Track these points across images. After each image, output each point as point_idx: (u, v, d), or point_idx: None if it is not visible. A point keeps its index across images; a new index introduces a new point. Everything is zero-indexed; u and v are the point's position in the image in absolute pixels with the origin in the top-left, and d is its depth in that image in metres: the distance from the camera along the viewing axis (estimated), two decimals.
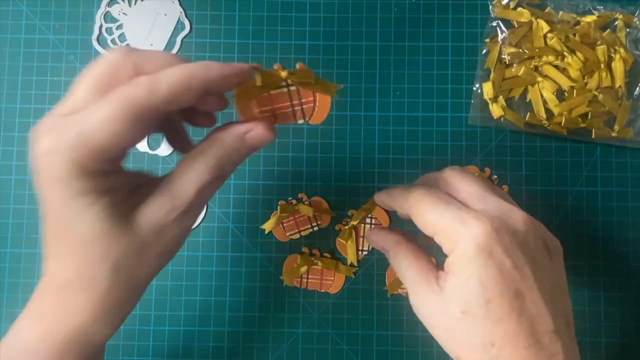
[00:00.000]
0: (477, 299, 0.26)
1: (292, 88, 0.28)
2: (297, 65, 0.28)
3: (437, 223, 0.28)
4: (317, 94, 0.28)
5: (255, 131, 0.27)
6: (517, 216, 0.28)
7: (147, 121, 0.24)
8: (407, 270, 0.30)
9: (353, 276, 0.41)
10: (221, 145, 0.27)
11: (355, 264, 0.41)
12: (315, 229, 0.41)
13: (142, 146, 0.42)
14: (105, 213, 0.25)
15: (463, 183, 0.30)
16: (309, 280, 0.41)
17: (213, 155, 0.26)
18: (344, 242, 0.41)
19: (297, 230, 0.41)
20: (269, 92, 0.28)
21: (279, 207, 0.41)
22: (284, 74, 0.27)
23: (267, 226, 0.41)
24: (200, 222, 0.41)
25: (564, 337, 0.27)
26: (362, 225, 0.41)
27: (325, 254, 0.41)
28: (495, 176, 0.41)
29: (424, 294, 0.28)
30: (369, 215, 0.41)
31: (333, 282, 0.41)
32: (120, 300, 0.26)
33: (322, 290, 0.41)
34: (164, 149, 0.42)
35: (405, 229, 0.41)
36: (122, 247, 0.25)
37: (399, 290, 0.41)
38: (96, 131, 0.24)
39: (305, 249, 0.41)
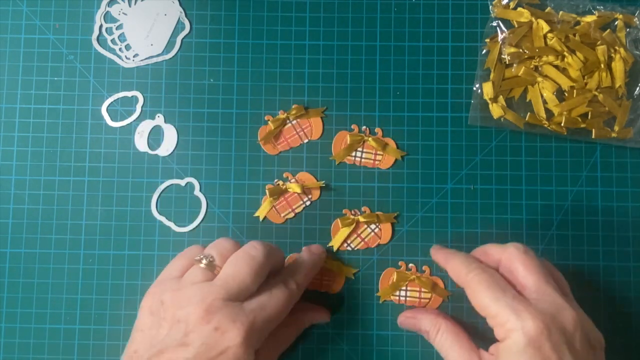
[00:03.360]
0: None
1: (294, 122, 0.42)
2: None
3: (491, 308, 0.31)
4: (311, 118, 0.42)
5: (321, 315, 0.39)
6: (569, 315, 0.31)
7: None
8: (451, 350, 0.33)
9: (353, 277, 0.41)
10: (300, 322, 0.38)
11: (334, 249, 0.41)
12: (308, 203, 0.41)
13: (142, 146, 0.42)
14: None
15: (523, 269, 0.33)
16: None
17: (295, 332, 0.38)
18: (341, 226, 0.41)
19: (290, 210, 0.41)
20: (281, 129, 0.42)
21: (267, 191, 0.41)
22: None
23: (261, 212, 0.41)
24: (200, 222, 0.41)
25: None
26: (365, 227, 0.41)
27: None
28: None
29: None
30: (375, 222, 0.41)
31: (333, 282, 0.41)
32: None
33: (322, 290, 0.41)
34: (164, 149, 0.42)
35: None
36: None
37: (391, 297, 0.40)
38: (275, 317, 0.32)
39: None
